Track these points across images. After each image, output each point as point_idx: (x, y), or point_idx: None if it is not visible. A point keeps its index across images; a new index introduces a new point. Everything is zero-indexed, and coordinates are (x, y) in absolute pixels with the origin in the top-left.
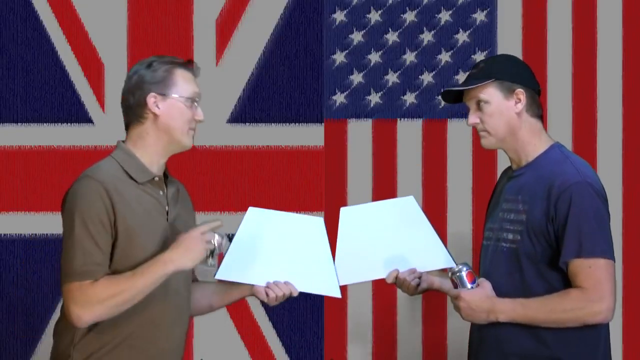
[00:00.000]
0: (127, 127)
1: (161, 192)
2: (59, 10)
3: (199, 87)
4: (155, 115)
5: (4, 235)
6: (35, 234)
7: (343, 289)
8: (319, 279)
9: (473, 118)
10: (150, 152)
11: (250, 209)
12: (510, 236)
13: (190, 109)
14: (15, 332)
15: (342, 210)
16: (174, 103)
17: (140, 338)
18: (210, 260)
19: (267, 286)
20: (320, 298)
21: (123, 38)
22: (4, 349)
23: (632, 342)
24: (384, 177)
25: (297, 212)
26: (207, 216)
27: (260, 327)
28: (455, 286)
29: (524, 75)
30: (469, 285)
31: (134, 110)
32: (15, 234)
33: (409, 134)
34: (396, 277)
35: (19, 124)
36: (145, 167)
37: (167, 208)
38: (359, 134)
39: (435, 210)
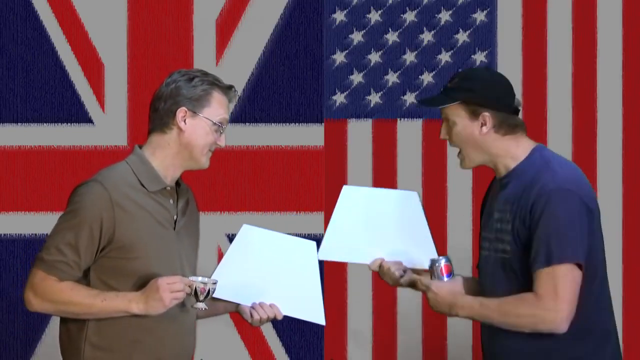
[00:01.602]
0: (150, 132)
1: (171, 201)
2: (59, 10)
3: (229, 114)
4: (180, 129)
5: (4, 235)
6: (35, 234)
7: (343, 290)
8: (305, 304)
9: (442, 134)
10: (167, 163)
11: (244, 227)
12: (502, 246)
13: (215, 133)
14: (15, 332)
15: (345, 188)
16: (201, 123)
17: (148, 344)
18: (199, 304)
19: (253, 307)
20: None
21: (123, 38)
22: (4, 349)
23: (632, 341)
24: (384, 177)
25: (296, 212)
26: (207, 216)
27: (261, 327)
28: (432, 276)
29: (494, 96)
30: (444, 278)
31: (160, 117)
32: (15, 234)
33: (409, 134)
34: (380, 266)
35: (19, 124)
36: (159, 176)
37: (175, 217)
38: (359, 134)
39: (435, 210)
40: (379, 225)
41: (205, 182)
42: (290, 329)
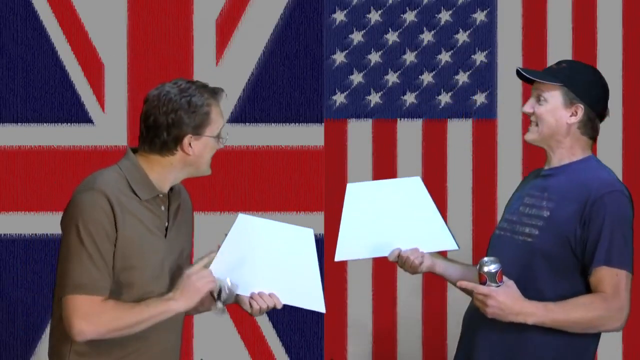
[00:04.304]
0: (147, 150)
1: (163, 208)
2: (59, 10)
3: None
4: (186, 153)
5: (4, 235)
6: (35, 234)
7: (343, 289)
8: (304, 292)
9: (528, 107)
10: (167, 177)
11: (240, 216)
12: (527, 230)
13: (218, 143)
14: (15, 332)
15: (349, 186)
16: (206, 142)
17: (134, 345)
18: (218, 304)
19: (252, 297)
20: None
21: (123, 38)
22: (4, 349)
23: (632, 341)
24: (384, 177)
25: (296, 212)
26: (207, 216)
27: (260, 327)
28: (482, 281)
29: (595, 96)
30: (500, 284)
31: (166, 144)
32: (15, 234)
33: (409, 134)
34: (398, 256)
35: (19, 124)
36: (152, 185)
37: (166, 224)
38: (359, 134)
39: None
40: (389, 216)
41: (205, 182)
42: (290, 329)
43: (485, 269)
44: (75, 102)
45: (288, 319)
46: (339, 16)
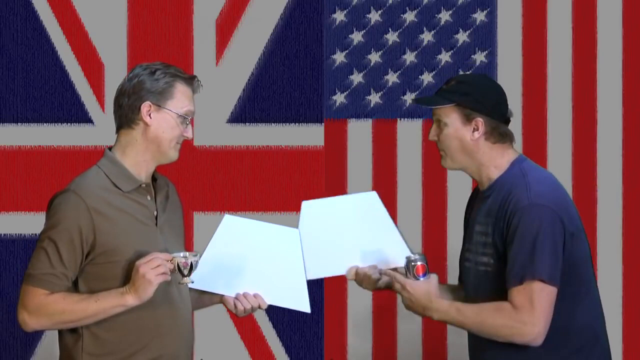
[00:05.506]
0: (117, 129)
1: (149, 198)
2: (59, 10)
3: (195, 106)
4: (145, 124)
5: (4, 235)
6: (35, 234)
7: (343, 290)
8: (289, 292)
9: (432, 135)
10: (139, 160)
11: (226, 217)
12: (485, 259)
13: (181, 125)
14: (15, 332)
15: (304, 203)
16: (166, 117)
17: (146, 343)
18: (185, 279)
19: (237, 298)
20: (320, 298)
21: (123, 38)
22: (4, 349)
23: (632, 342)
24: (383, 177)
25: (296, 212)
26: (207, 216)
27: (260, 327)
28: (407, 275)
29: (489, 103)
30: (419, 278)
31: (125, 113)
32: (15, 234)
33: (409, 134)
34: (356, 273)
35: (19, 124)
36: (132, 175)
37: (155, 213)
38: (359, 134)
39: (434, 210)
40: (346, 232)
41: (205, 182)
42: (290, 329)
43: (407, 263)
44: (75, 102)
45: (288, 319)
46: (339, 16)
